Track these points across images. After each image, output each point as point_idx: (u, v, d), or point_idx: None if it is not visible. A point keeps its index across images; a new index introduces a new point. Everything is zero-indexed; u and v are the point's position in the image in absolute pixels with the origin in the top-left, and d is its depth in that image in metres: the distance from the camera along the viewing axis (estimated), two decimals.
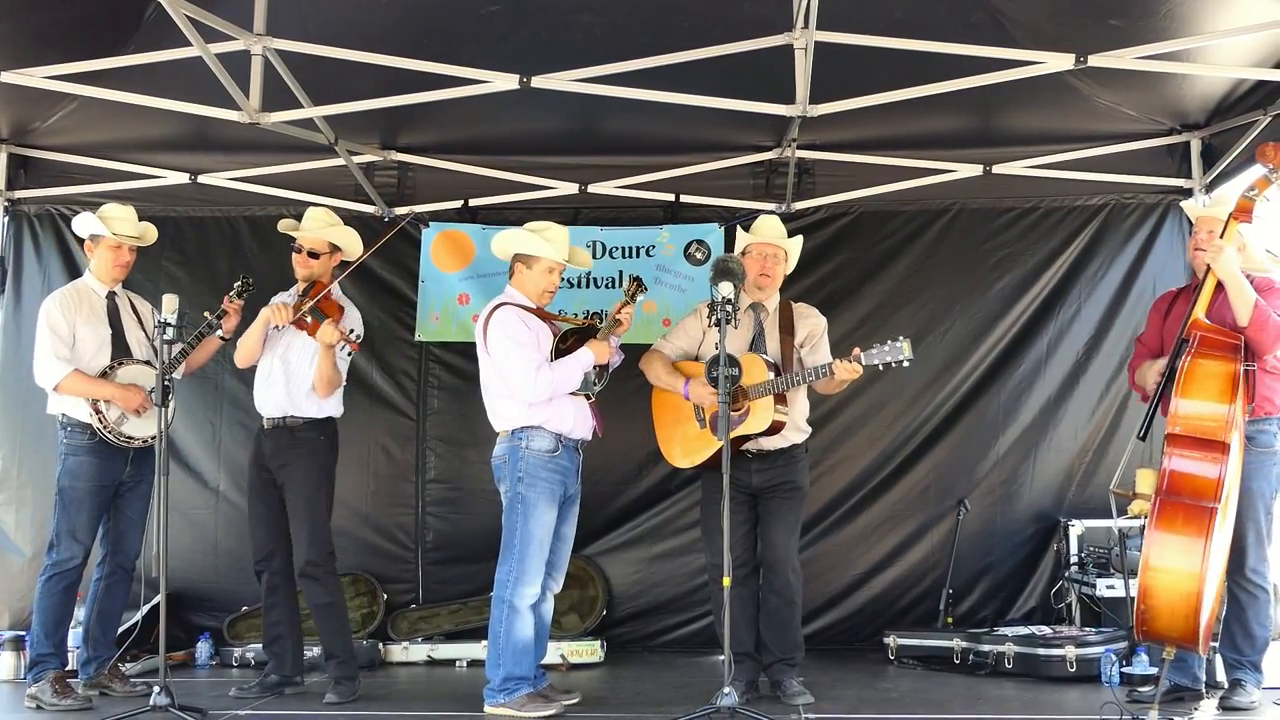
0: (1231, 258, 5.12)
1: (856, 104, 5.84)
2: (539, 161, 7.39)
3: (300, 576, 5.93)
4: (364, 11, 5.84)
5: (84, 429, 5.87)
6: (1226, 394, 4.93)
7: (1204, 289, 5.16)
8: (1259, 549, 5.33)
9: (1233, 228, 5.15)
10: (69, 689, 5.76)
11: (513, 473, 5.47)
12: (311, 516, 5.91)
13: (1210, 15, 5.61)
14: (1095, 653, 6.09)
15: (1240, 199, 5.16)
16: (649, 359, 5.92)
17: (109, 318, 6.04)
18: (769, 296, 5.86)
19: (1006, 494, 7.39)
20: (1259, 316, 5.10)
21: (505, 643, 5.39)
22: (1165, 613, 4.80)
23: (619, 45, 5.72)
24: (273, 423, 5.96)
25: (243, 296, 6.10)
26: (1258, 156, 5.20)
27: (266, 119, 5.88)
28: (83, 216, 6.13)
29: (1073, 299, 7.42)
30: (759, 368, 5.60)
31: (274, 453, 5.94)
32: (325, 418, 6.00)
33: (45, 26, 5.77)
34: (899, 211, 7.56)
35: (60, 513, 5.88)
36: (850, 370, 5.44)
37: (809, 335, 5.85)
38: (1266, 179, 5.12)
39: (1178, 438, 4.94)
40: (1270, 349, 5.23)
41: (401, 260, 7.62)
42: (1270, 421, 5.35)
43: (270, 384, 5.97)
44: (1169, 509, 4.85)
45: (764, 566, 5.81)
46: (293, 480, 5.92)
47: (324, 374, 5.86)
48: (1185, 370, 4.98)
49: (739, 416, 5.56)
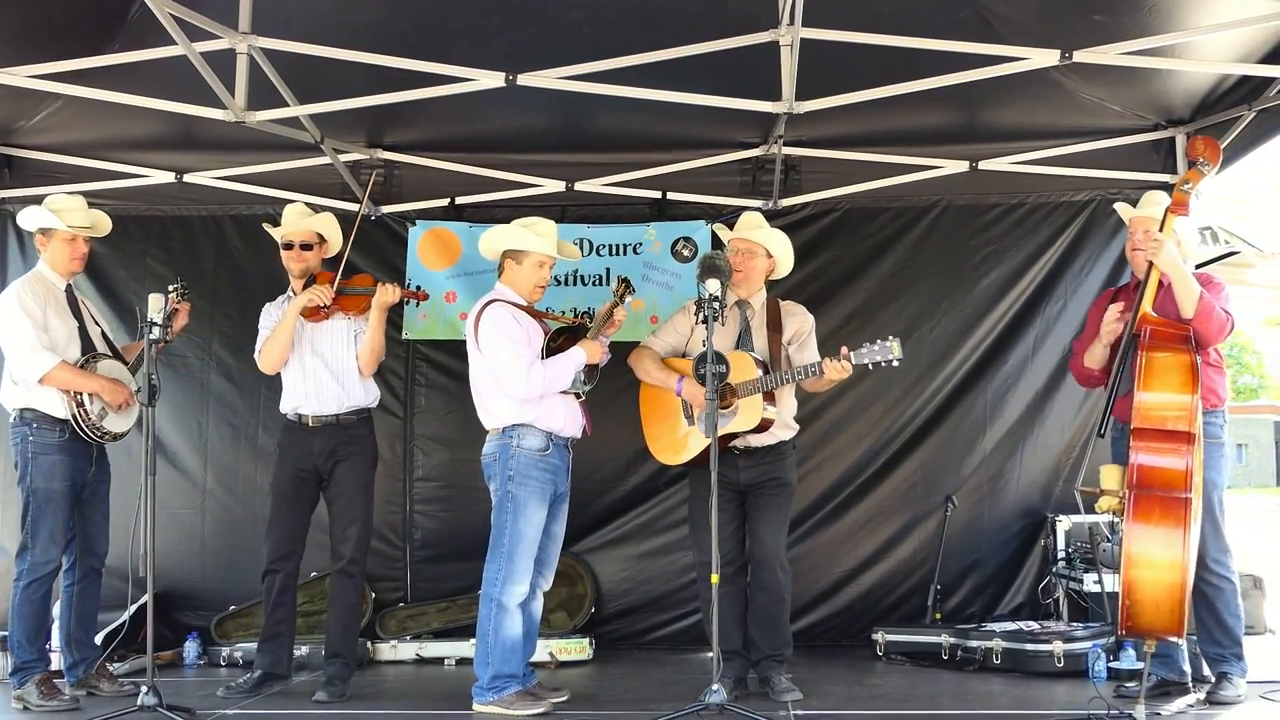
0: (1173, 252, 5.19)
1: (843, 100, 5.84)
2: (525, 159, 7.38)
3: (339, 574, 5.94)
4: (349, 10, 5.82)
5: (54, 425, 5.75)
6: (1188, 384, 4.99)
7: (1148, 284, 5.22)
8: (1217, 540, 5.37)
9: (1170, 221, 5.23)
10: (56, 690, 5.73)
11: (503, 471, 5.47)
12: (365, 515, 5.97)
13: (1194, 10, 5.62)
14: (1083, 648, 6.12)
15: (1175, 192, 5.25)
16: (638, 355, 5.92)
17: (71, 310, 5.97)
18: (753, 294, 5.87)
19: (994, 490, 7.40)
20: (1204, 308, 5.19)
21: (494, 641, 5.39)
22: (1150, 607, 4.83)
23: (605, 43, 5.72)
24: (323, 420, 5.92)
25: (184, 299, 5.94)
26: (1188, 150, 5.35)
27: (252, 118, 5.86)
28: (29, 210, 5.99)
29: (1059, 294, 7.43)
30: (748, 365, 5.60)
31: (327, 450, 5.91)
32: (369, 409, 6.05)
33: (29, 25, 5.74)
34: (885, 208, 7.56)
35: (35, 515, 5.75)
36: (840, 369, 5.46)
37: (796, 333, 5.86)
38: (1198, 171, 5.21)
39: (1143, 431, 4.97)
40: (1215, 339, 5.32)
41: (388, 258, 7.61)
42: (1217, 414, 5.43)
43: (316, 380, 5.93)
44: (1144, 502, 4.88)
45: (752, 563, 5.81)
46: (347, 478, 5.93)
47: (376, 345, 5.90)
48: (1143, 364, 5.03)
49: (728, 414, 5.57)
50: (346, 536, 5.91)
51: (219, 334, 7.51)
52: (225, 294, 7.59)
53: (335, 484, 5.93)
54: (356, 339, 5.97)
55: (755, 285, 5.88)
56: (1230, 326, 5.32)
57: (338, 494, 5.94)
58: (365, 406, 6.03)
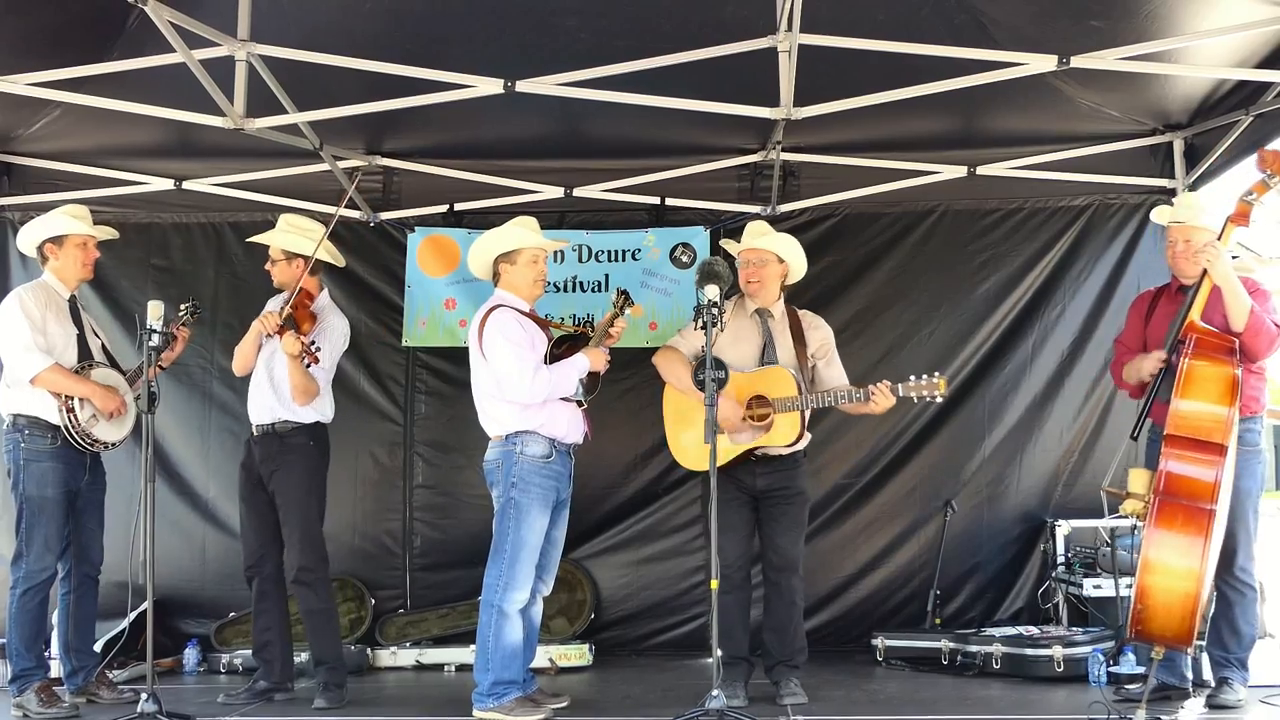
0: (1229, 264, 5.15)
1: (841, 106, 5.84)
2: (524, 165, 7.39)
3: (293, 583, 5.93)
4: (348, 17, 5.83)
5: (47, 431, 5.74)
6: (1226, 396, 4.95)
7: (1200, 292, 5.18)
8: (1247, 547, 5.35)
9: (1230, 231, 5.19)
10: (55, 698, 5.73)
11: (506, 478, 5.46)
12: (303, 523, 5.90)
13: (1192, 16, 5.63)
14: (1083, 653, 6.10)
15: (1239, 203, 5.19)
16: (667, 358, 5.88)
17: (73, 319, 5.98)
18: (771, 302, 5.85)
19: (993, 495, 7.40)
20: (1254, 322, 5.14)
21: (494, 647, 5.38)
22: (1162, 613, 4.82)
23: (604, 49, 5.73)
24: (262, 429, 5.96)
25: (187, 326, 6.14)
26: (1258, 163, 5.23)
27: (251, 125, 5.87)
28: (38, 222, 6.00)
29: (1057, 300, 7.43)
30: (787, 382, 5.61)
31: (264, 459, 5.94)
32: (314, 423, 5.99)
33: (27, 32, 5.74)
34: (884, 213, 7.57)
35: (29, 522, 5.73)
36: (889, 399, 5.52)
37: (821, 346, 5.87)
38: (1265, 184, 5.16)
39: (1176, 439, 4.95)
40: (1264, 354, 5.27)
41: (387, 265, 7.63)
42: (1256, 420, 5.39)
43: (259, 390, 5.99)
44: (1168, 509, 4.86)
45: (770, 570, 5.81)
46: (283, 486, 5.91)
47: (294, 382, 5.85)
48: (1184, 371, 4.99)
49: (764, 427, 5.58)
50: (292, 544, 5.91)
51: (220, 342, 7.50)
52: (225, 302, 7.59)
53: (276, 493, 5.94)
54: None
55: (772, 293, 5.86)
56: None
57: (279, 503, 5.94)
58: (305, 420, 5.96)
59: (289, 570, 5.93)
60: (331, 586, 6.15)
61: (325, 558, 6.00)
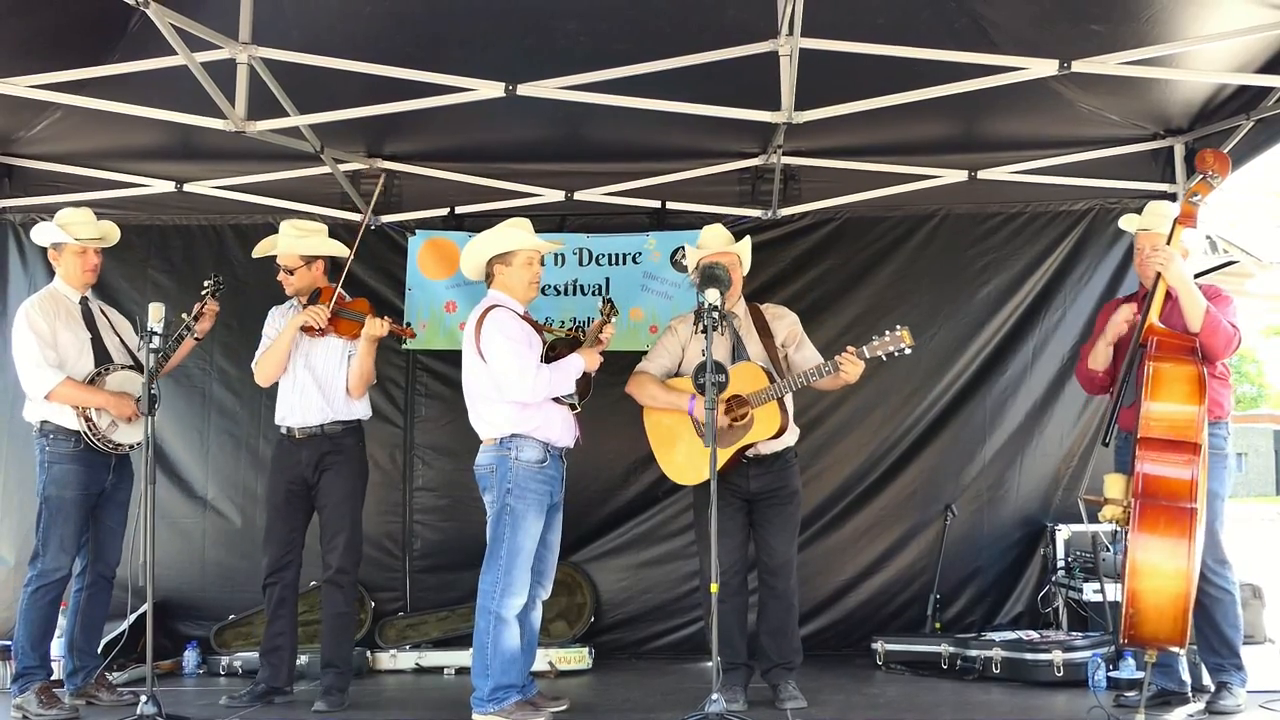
0: (1181, 265, 5.20)
1: (842, 110, 5.84)
2: (525, 169, 7.39)
3: (326, 583, 5.98)
4: (349, 20, 5.83)
5: (69, 436, 5.81)
6: (1194, 395, 5.00)
7: (1155, 295, 5.24)
8: (1216, 550, 5.36)
9: (1178, 233, 5.25)
10: (55, 699, 5.75)
11: (501, 484, 5.45)
12: (351, 525, 5.98)
13: (1192, 20, 5.63)
14: (1082, 657, 6.11)
15: (1184, 204, 5.29)
16: (639, 382, 5.87)
17: (85, 322, 6.02)
18: (734, 303, 5.86)
19: (993, 499, 7.40)
20: (1210, 322, 5.20)
21: (493, 653, 5.37)
22: (1154, 616, 4.83)
23: (605, 53, 5.73)
24: (308, 431, 5.97)
25: (215, 296, 6.18)
26: (1198, 163, 5.36)
27: (252, 127, 5.87)
28: (41, 226, 6.11)
29: (1058, 304, 7.43)
30: (757, 375, 5.60)
31: (313, 461, 5.95)
32: (359, 421, 6.07)
33: (29, 34, 5.75)
34: (884, 217, 7.57)
35: (47, 522, 5.81)
36: (857, 364, 5.48)
37: (789, 335, 5.87)
38: (1206, 184, 5.26)
39: (1150, 441, 4.98)
40: (1222, 354, 5.32)
41: (388, 268, 7.63)
42: (1221, 425, 5.45)
43: (302, 393, 5.98)
44: (1150, 512, 4.88)
45: (765, 573, 5.82)
46: (333, 487, 5.95)
47: (364, 370, 5.94)
48: (1150, 374, 5.03)
49: (744, 425, 5.57)
50: (334, 546, 5.94)
51: (220, 344, 7.49)
52: (226, 304, 7.44)
53: (322, 494, 5.97)
54: (350, 359, 6.00)
55: (737, 295, 5.88)
56: (1237, 341, 5.31)
57: (325, 503, 5.98)
58: (352, 419, 6.04)
59: (326, 570, 5.96)
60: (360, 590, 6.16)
61: (360, 561, 6.06)
